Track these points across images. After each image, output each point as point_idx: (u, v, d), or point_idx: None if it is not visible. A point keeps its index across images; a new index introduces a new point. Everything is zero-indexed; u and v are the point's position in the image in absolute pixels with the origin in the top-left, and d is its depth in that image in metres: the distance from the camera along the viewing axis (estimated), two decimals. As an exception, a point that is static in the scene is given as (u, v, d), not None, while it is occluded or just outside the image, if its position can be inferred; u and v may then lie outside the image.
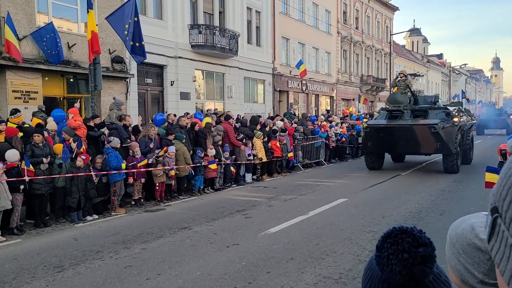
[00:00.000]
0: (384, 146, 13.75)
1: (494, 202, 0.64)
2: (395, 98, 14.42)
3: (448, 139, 12.49)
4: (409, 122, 12.87)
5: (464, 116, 15.29)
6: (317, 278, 4.91)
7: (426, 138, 12.50)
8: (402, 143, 13.09)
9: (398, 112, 13.61)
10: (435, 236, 6.51)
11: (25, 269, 5.42)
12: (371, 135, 13.41)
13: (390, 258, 0.88)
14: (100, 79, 11.93)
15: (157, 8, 18.97)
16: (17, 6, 13.61)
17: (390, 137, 13.04)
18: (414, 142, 12.83)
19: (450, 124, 12.65)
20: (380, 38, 43.75)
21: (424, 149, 13.23)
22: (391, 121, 13.25)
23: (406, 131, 12.69)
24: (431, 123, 12.30)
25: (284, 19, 27.92)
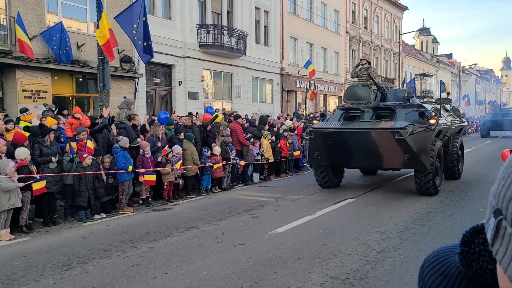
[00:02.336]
0: (336, 157, 10.09)
1: (496, 204, 0.62)
2: (354, 92, 10.70)
3: (420, 149, 9.08)
4: (367, 125, 9.37)
5: (449, 117, 11.98)
6: (324, 279, 4.89)
7: (389, 147, 9.01)
8: (359, 154, 9.61)
9: (357, 111, 10.18)
10: (445, 236, 6.49)
11: (33, 267, 5.46)
12: (318, 143, 9.93)
13: (483, 255, 0.80)
14: (109, 79, 12.00)
15: (166, 8, 19.04)
16: (27, 6, 13.74)
17: (341, 145, 9.55)
18: (374, 153, 9.37)
19: (424, 128, 9.12)
20: (389, 38, 43.50)
21: (388, 162, 9.61)
22: (345, 124, 9.80)
23: (361, 138, 9.26)
24: (395, 127, 8.82)
25: (292, 19, 27.87)
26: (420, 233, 6.73)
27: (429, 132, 9.34)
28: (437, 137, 10.01)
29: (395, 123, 9.05)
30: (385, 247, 6.05)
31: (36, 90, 13.99)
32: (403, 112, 9.88)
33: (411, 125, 8.96)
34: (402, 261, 5.45)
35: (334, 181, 11.06)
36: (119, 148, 8.90)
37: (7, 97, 13.74)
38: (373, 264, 5.36)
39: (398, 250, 5.89)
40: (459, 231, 6.74)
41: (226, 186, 11.47)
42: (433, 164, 9.45)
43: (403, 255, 5.68)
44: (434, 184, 9.64)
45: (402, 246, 6.08)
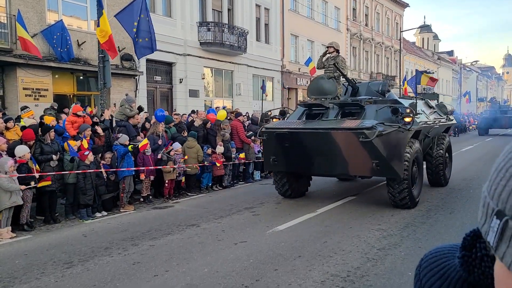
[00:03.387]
0: (294, 163, 8.57)
1: (496, 205, 0.60)
2: (318, 86, 9.17)
3: (392, 153, 7.62)
4: (328, 124, 7.96)
5: (433, 114, 10.34)
6: (325, 276, 4.89)
7: (354, 151, 7.64)
8: (320, 159, 8.13)
9: (321, 108, 8.70)
10: (446, 234, 6.49)
11: (34, 265, 5.48)
12: (272, 146, 8.45)
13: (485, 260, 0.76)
14: (109, 77, 12.00)
15: (166, 6, 19.02)
16: (28, 4, 13.73)
17: (299, 149, 8.17)
18: (337, 158, 7.90)
19: (396, 128, 7.66)
20: (390, 35, 43.42)
21: (355, 169, 8.13)
22: (303, 123, 8.24)
23: (321, 140, 7.80)
24: (359, 127, 7.40)
25: (293, 16, 27.82)
26: (421, 231, 6.73)
27: (403, 132, 7.72)
28: (415, 138, 8.53)
29: (360, 122, 7.51)
30: (385, 244, 6.05)
31: (37, 88, 14.00)
32: (373, 109, 8.31)
33: (381, 125, 7.51)
34: (403, 259, 5.45)
35: (297, 189, 9.45)
36: (119, 145, 8.93)
37: (8, 95, 13.75)
38: (374, 261, 5.36)
39: (398, 248, 5.90)
40: (460, 229, 6.74)
41: (227, 184, 11.48)
42: (408, 171, 7.87)
43: (404, 253, 5.69)
44: (411, 195, 8.01)
45: (402, 244, 6.08)
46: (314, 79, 9.62)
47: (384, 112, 8.19)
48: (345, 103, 8.68)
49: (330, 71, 9.36)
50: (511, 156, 0.60)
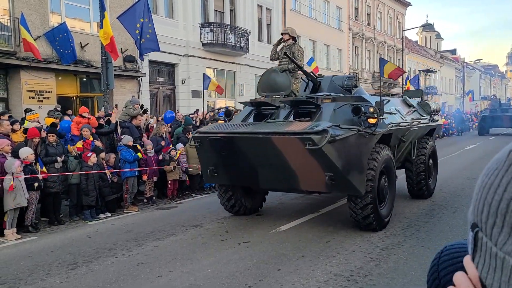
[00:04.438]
0: (237, 175, 7.08)
1: (473, 219, 0.64)
2: (270, 80, 7.75)
3: (349, 164, 6.15)
4: (270, 128, 6.40)
5: (412, 114, 8.74)
6: (328, 276, 4.91)
7: (302, 161, 6.12)
8: (266, 171, 6.63)
9: (271, 107, 7.33)
10: (449, 233, 6.50)
11: (40, 266, 5.52)
12: (208, 154, 6.97)
13: None
14: (112, 78, 12.06)
15: (168, 7, 19.07)
16: (31, 7, 13.80)
17: (239, 158, 6.69)
18: (284, 169, 6.40)
19: (355, 132, 6.21)
20: (392, 34, 43.35)
21: (306, 183, 6.52)
22: (240, 127, 6.77)
23: (261, 147, 6.31)
24: (306, 131, 5.92)
25: (295, 16, 27.83)
26: (424, 230, 6.74)
27: (366, 137, 6.28)
28: (384, 143, 7.02)
29: (311, 125, 6.01)
30: (389, 244, 6.06)
31: (40, 91, 14.07)
32: (331, 108, 6.74)
33: (336, 128, 6.02)
34: (406, 258, 5.46)
35: (248, 205, 7.88)
36: (123, 145, 8.99)
37: (12, 97, 13.83)
38: (377, 261, 5.37)
39: (402, 247, 5.91)
40: (463, 228, 6.74)
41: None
42: (373, 184, 6.38)
43: (407, 252, 5.69)
44: (377, 215, 6.49)
45: (406, 243, 6.09)
46: (265, 73, 7.98)
47: (344, 112, 6.62)
48: (299, 101, 7.07)
49: (285, 63, 7.87)
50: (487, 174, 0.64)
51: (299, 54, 7.92)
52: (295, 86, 7.88)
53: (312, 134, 5.79)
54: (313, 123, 6.15)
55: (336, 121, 6.36)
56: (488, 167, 0.67)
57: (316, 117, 6.72)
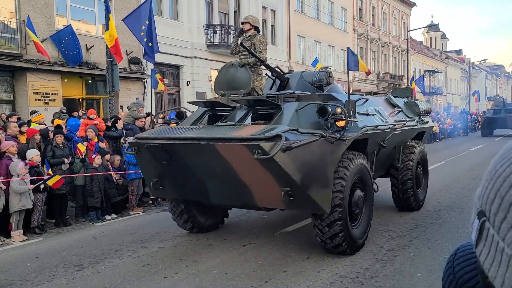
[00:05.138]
0: (184, 188, 6.06)
1: (480, 206, 0.62)
2: (228, 77, 6.79)
3: (307, 178, 5.07)
4: (216, 132, 5.32)
5: (396, 116, 7.62)
6: (333, 278, 4.89)
7: (253, 173, 5.12)
8: (215, 184, 5.63)
9: (227, 108, 6.30)
10: (456, 234, 6.46)
11: (46, 267, 5.54)
12: (149, 163, 5.97)
13: None
14: (118, 80, 12.12)
15: (173, 9, 19.14)
16: (37, 9, 13.90)
17: (182, 169, 5.69)
18: (235, 183, 5.38)
19: (318, 138, 5.13)
20: (397, 35, 43.24)
21: (263, 199, 5.47)
22: (181, 131, 5.62)
23: (205, 156, 5.30)
24: (254, 136, 4.87)
25: (299, 17, 27.84)
26: (430, 231, 6.70)
27: (332, 143, 5.24)
28: (359, 150, 5.99)
29: (263, 129, 4.95)
30: (395, 245, 6.04)
31: (46, 93, 14.16)
32: (293, 109, 5.65)
33: (294, 132, 4.97)
34: (412, 260, 5.44)
35: (205, 222, 6.82)
36: (128, 148, 9.04)
37: (18, 99, 13.92)
38: (383, 262, 5.35)
39: (408, 249, 5.88)
40: (469, 229, 6.69)
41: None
42: (342, 198, 5.32)
43: (413, 254, 5.67)
44: (347, 236, 5.43)
45: (412, 245, 6.06)
46: (222, 68, 7.04)
47: (309, 114, 5.57)
48: (257, 101, 5.99)
49: (245, 57, 6.86)
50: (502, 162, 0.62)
51: (261, 46, 6.95)
52: (257, 83, 6.91)
53: (262, 141, 4.67)
54: (266, 127, 5.05)
55: (298, 124, 5.35)
56: (502, 154, 0.63)
57: (275, 119, 5.55)
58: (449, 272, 0.79)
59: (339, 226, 5.36)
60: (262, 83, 7.13)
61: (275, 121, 5.54)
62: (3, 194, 6.86)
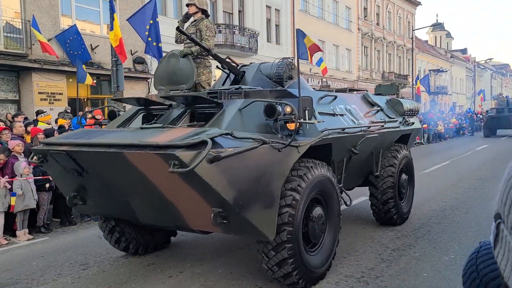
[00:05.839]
0: (105, 205, 5.01)
1: (497, 209, 0.63)
2: (168, 69, 5.80)
3: (244, 196, 3.90)
4: (131, 137, 4.11)
5: (375, 116, 6.64)
6: (338, 277, 4.88)
7: (177, 190, 3.96)
8: (137, 201, 4.49)
9: (162, 106, 5.25)
10: (461, 234, 6.42)
11: (51, 266, 5.57)
12: (59, 174, 4.86)
13: None
14: (122, 80, 12.15)
15: (177, 9, 19.16)
16: (42, 9, 13.96)
17: (96, 182, 4.58)
18: (158, 200, 4.22)
19: (256, 145, 3.93)
20: (401, 34, 43.11)
21: (195, 220, 4.29)
22: (91, 135, 4.49)
23: (116, 167, 4.10)
24: (170, 143, 3.66)
25: (303, 17, 27.81)
26: (435, 231, 6.67)
27: (280, 151, 4.19)
28: (321, 159, 4.99)
29: (187, 133, 3.86)
30: (400, 245, 6.01)
31: (51, 92, 14.22)
32: (235, 107, 4.58)
33: (228, 137, 3.93)
34: (418, 259, 5.41)
35: (144, 241, 5.85)
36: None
37: (24, 99, 13.99)
38: (388, 262, 5.34)
39: (413, 248, 5.86)
40: (476, 229, 6.67)
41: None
42: (291, 221, 4.28)
43: (419, 253, 5.64)
44: (300, 265, 4.43)
45: (417, 244, 6.03)
46: (163, 58, 6.07)
47: (255, 114, 4.51)
48: (195, 98, 4.78)
49: (190, 45, 5.95)
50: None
51: (207, 32, 5.99)
52: (204, 76, 6.06)
53: (180, 149, 3.56)
54: (193, 131, 3.93)
55: (242, 126, 4.34)
56: None
57: (212, 120, 4.44)
58: (472, 270, 0.77)
59: (288, 250, 4.26)
60: (210, 77, 6.23)
61: (211, 122, 4.38)
62: (9, 194, 6.90)
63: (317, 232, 4.79)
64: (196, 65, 5.79)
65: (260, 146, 3.97)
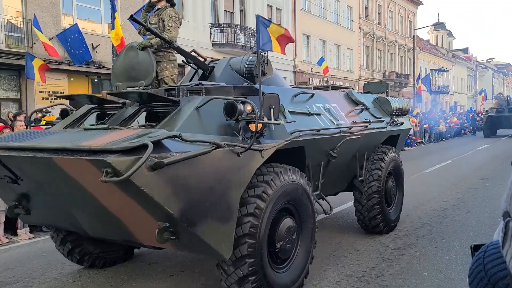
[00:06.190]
0: (48, 215, 4.50)
1: (505, 208, 0.63)
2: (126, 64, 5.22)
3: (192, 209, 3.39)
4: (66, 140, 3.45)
5: (352, 117, 5.94)
6: (339, 277, 4.88)
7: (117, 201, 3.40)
8: (80, 212, 3.94)
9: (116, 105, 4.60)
10: (462, 234, 6.41)
11: (53, 265, 5.58)
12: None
13: None
14: (123, 79, 12.13)
15: (179, 8, 19.16)
16: (43, 8, 13.98)
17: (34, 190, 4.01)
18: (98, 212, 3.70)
19: (209, 149, 3.41)
20: (403, 33, 43.07)
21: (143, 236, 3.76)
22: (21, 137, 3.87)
23: (48, 174, 3.55)
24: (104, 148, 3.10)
25: (305, 16, 27.79)
26: (436, 231, 6.67)
27: (239, 156, 3.69)
28: (293, 164, 4.51)
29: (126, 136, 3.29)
30: (401, 244, 6.01)
31: (53, 91, 14.24)
32: (192, 106, 3.94)
33: (176, 140, 3.38)
34: (419, 259, 5.41)
35: (101, 254, 5.30)
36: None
37: (25, 98, 14.01)
38: (389, 261, 5.33)
39: (414, 248, 5.85)
40: (477, 228, 6.66)
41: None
42: (254, 232, 3.79)
43: (420, 253, 5.64)
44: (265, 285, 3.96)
45: (418, 244, 6.03)
46: (121, 51, 5.52)
47: (215, 113, 3.96)
48: (149, 95, 4.04)
49: (149, 39, 5.38)
50: None
51: (170, 23, 5.44)
52: (167, 72, 5.54)
53: (114, 154, 3.03)
54: (135, 133, 3.38)
55: (201, 127, 3.80)
56: None
57: (164, 121, 3.82)
58: (479, 269, 0.76)
59: (248, 265, 3.75)
60: (174, 72, 5.66)
61: (163, 123, 3.78)
62: (10, 192, 6.91)
63: (289, 246, 4.25)
64: (158, 59, 5.38)
65: (214, 150, 3.47)
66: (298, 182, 4.35)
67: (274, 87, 5.09)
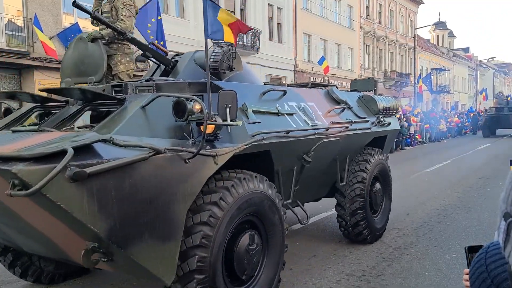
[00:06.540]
0: None
1: (505, 208, 0.62)
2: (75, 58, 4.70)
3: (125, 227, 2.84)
4: None
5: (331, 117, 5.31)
6: (340, 276, 4.88)
7: (36, 217, 2.87)
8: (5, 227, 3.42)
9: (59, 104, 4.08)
10: (462, 233, 6.42)
11: (53, 264, 5.57)
12: None
13: None
14: (124, 78, 12.13)
15: (179, 7, 19.18)
16: (44, 7, 13.98)
17: None
18: (22, 228, 3.18)
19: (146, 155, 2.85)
20: (404, 33, 43.05)
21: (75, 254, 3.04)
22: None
23: None
24: (13, 155, 2.56)
25: (305, 15, 27.79)
26: (437, 230, 6.67)
27: (188, 163, 3.15)
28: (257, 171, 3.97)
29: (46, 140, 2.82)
30: (401, 244, 6.01)
31: (53, 90, 14.26)
32: (137, 104, 3.36)
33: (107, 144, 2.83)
34: (419, 258, 5.41)
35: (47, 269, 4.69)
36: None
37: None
38: (390, 261, 5.34)
39: (414, 247, 5.86)
40: (477, 228, 6.66)
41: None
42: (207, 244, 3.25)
43: (420, 252, 5.64)
44: None
45: (419, 243, 6.03)
46: (70, 44, 5.00)
47: (164, 112, 3.41)
48: (95, 94, 3.58)
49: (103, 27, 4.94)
50: None
51: (124, 11, 4.96)
52: (122, 66, 5.19)
53: (23, 162, 2.52)
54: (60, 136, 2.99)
55: (148, 128, 3.28)
56: None
57: (104, 121, 3.27)
58: (481, 270, 0.76)
59: (197, 283, 3.24)
60: (131, 67, 5.30)
61: (102, 124, 3.21)
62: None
63: (248, 264, 3.67)
64: (112, 52, 4.93)
65: (152, 156, 2.91)
66: (266, 192, 3.83)
67: (239, 83, 4.47)
